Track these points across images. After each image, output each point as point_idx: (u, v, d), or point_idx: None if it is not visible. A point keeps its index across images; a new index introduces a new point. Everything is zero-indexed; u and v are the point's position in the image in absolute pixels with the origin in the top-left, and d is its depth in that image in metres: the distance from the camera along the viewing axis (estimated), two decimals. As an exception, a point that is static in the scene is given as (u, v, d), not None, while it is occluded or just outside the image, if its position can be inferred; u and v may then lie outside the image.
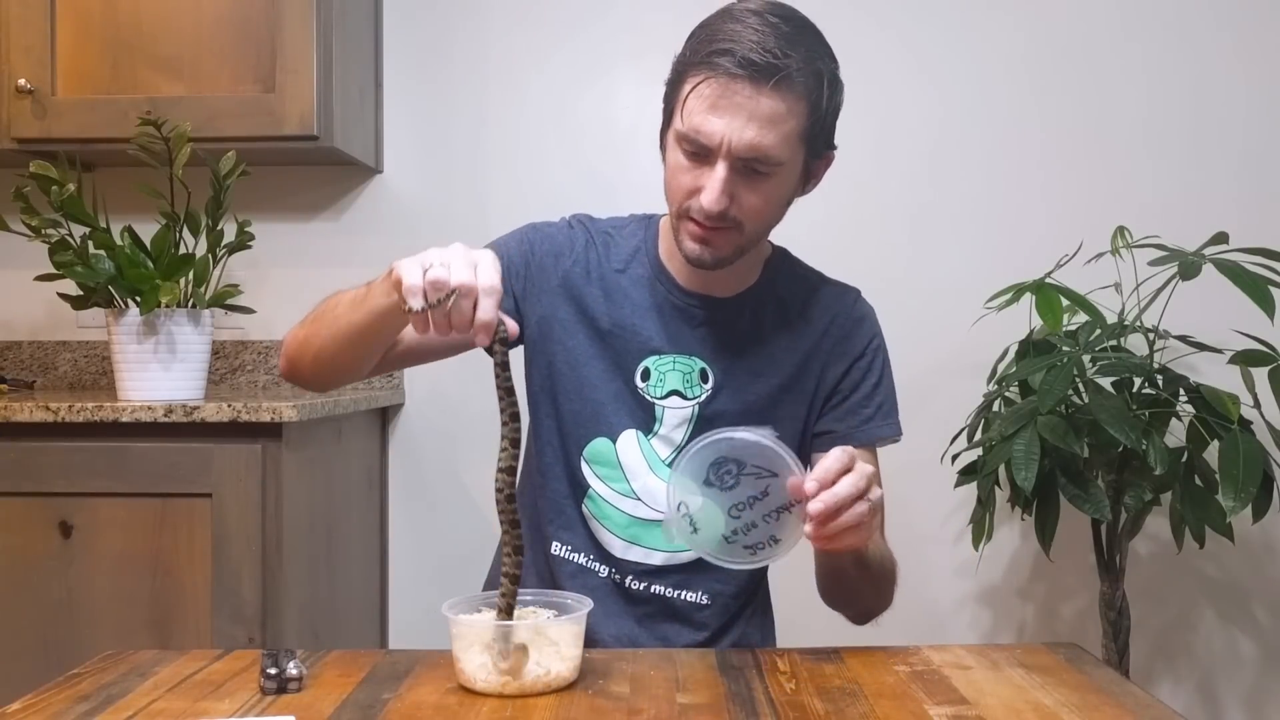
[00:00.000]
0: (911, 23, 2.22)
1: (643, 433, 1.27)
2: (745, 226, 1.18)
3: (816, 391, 1.30)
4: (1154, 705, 0.92)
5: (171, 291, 1.75)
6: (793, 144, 1.15)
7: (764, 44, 1.10)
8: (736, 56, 1.10)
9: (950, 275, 2.21)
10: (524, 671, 0.92)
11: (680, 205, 1.19)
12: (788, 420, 1.29)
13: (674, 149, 1.18)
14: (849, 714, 0.89)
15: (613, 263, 1.31)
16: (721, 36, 1.12)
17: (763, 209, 1.18)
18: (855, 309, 1.33)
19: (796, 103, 1.13)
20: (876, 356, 1.33)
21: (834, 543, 1.01)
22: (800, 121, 1.14)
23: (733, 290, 1.29)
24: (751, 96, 1.11)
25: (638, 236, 1.33)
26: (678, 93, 1.17)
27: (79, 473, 1.71)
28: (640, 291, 1.29)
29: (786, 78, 1.11)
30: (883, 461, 1.33)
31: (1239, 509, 1.65)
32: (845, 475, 0.99)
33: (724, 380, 1.27)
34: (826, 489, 0.98)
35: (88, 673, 1.00)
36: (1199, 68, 2.20)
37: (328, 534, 1.94)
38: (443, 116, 2.26)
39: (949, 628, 2.22)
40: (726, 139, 1.12)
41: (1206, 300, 1.91)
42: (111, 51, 1.97)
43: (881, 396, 1.32)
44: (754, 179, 1.15)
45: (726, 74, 1.11)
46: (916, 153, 2.23)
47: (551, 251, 1.31)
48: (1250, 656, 2.21)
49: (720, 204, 1.14)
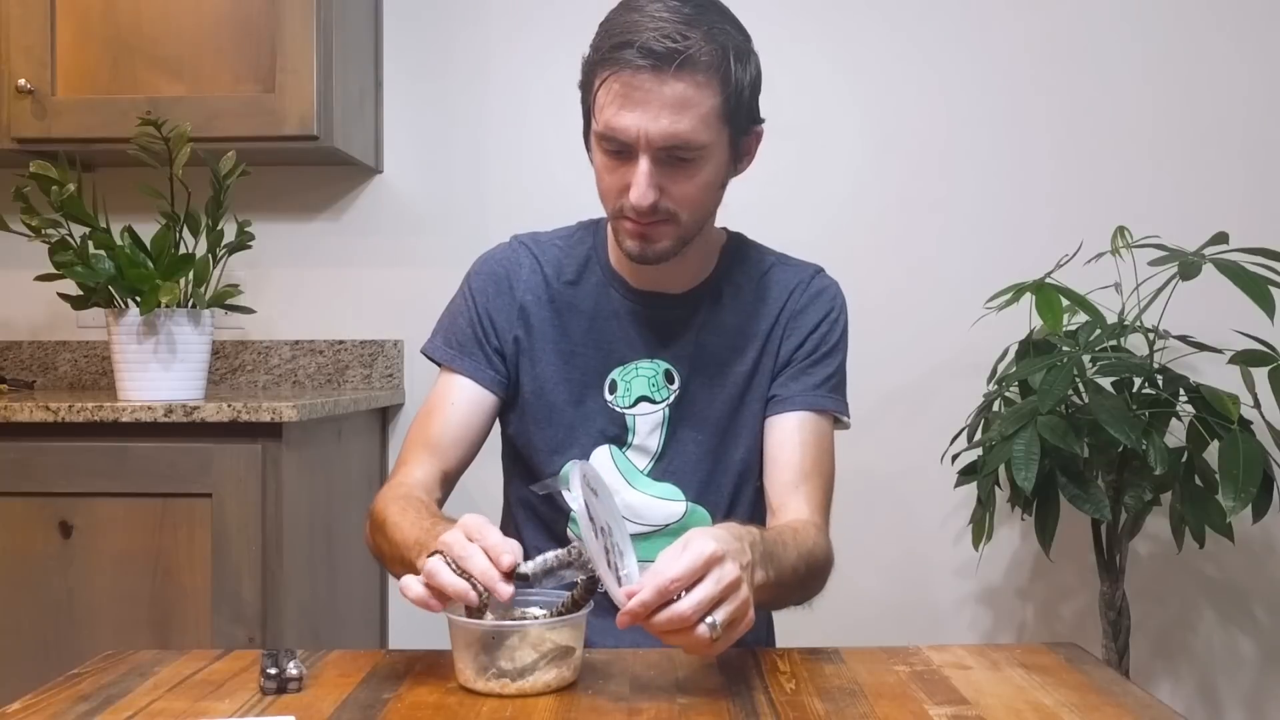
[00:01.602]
0: (911, 23, 2.22)
1: (616, 446, 1.27)
2: (681, 216, 1.17)
3: (775, 365, 1.28)
4: (1154, 705, 0.92)
5: (171, 291, 1.75)
6: (712, 124, 1.13)
7: (662, 30, 1.09)
8: (636, 47, 1.09)
9: (950, 275, 2.21)
10: (521, 672, 0.92)
11: (614, 205, 1.18)
12: (758, 403, 1.27)
13: (597, 151, 1.18)
14: (849, 714, 0.89)
15: (564, 276, 1.30)
16: (621, 30, 1.11)
17: (695, 195, 1.17)
18: (813, 284, 1.31)
19: (706, 83, 1.11)
20: (833, 329, 1.29)
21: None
22: (714, 101, 1.12)
23: (688, 284, 1.28)
24: (658, 85, 1.10)
25: (586, 244, 1.32)
26: (590, 94, 1.16)
27: (79, 473, 1.71)
28: (594, 302, 1.28)
29: (689, 60, 1.09)
30: (883, 462, 1.33)
31: (1239, 509, 1.65)
32: (686, 594, 0.87)
33: (690, 377, 1.26)
34: (648, 609, 0.87)
35: (88, 673, 1.00)
36: (1199, 68, 2.20)
37: (328, 534, 1.94)
38: (443, 116, 2.26)
39: (949, 628, 2.22)
40: (642, 132, 1.11)
41: (1206, 300, 1.91)
42: (111, 51, 1.97)
43: (832, 369, 1.28)
44: (680, 166, 1.14)
45: (631, 67, 1.10)
46: (916, 153, 2.23)
47: (503, 289, 1.29)
48: (1250, 656, 2.21)
49: (649, 198, 1.13)
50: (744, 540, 0.97)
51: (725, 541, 0.92)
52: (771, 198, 2.19)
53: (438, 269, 1.36)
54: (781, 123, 2.23)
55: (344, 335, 2.27)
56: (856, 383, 1.33)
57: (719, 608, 0.88)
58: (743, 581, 0.90)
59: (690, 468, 1.26)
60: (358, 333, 2.27)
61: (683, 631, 0.88)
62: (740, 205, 1.42)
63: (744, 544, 0.96)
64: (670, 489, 1.26)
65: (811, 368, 1.27)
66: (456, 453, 1.27)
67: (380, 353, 2.25)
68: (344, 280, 2.27)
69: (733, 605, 0.89)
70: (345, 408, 1.94)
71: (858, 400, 1.35)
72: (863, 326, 2.30)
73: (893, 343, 2.20)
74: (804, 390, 1.26)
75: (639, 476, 1.26)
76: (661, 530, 1.25)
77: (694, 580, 0.87)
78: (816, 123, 2.23)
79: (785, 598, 1.14)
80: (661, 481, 1.27)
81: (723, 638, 0.89)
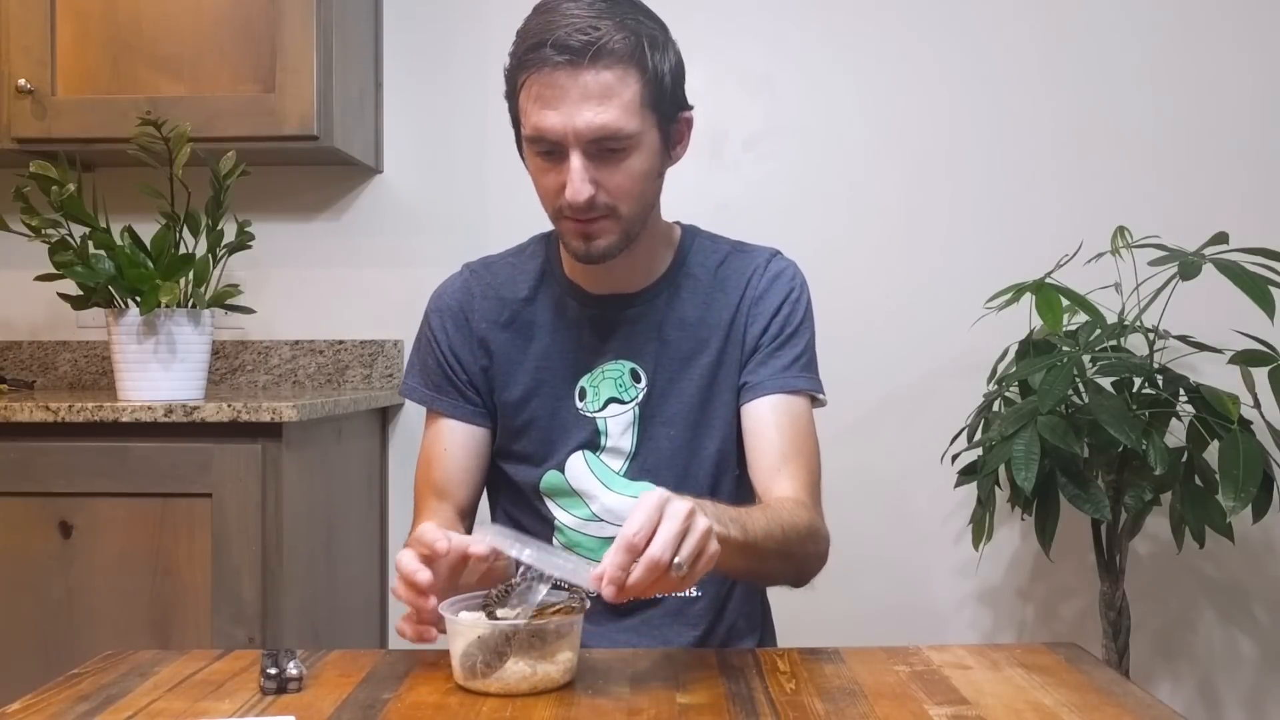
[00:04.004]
0: (912, 24, 2.22)
1: (591, 451, 1.27)
2: (620, 208, 1.17)
3: (742, 353, 1.28)
4: (1154, 705, 0.92)
5: (171, 291, 1.75)
6: (637, 112, 1.14)
7: (574, 25, 1.11)
8: (551, 44, 1.10)
9: (950, 275, 2.21)
10: (510, 671, 0.92)
11: (553, 207, 1.18)
12: (728, 392, 1.27)
13: (530, 156, 1.18)
14: (849, 714, 0.89)
15: (519, 294, 1.30)
16: (536, 31, 1.13)
17: (631, 186, 1.17)
18: (770, 267, 1.30)
19: (624, 71, 1.12)
20: (795, 309, 1.29)
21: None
22: (635, 88, 1.13)
23: (644, 282, 1.28)
24: (575, 79, 1.11)
25: (539, 257, 1.32)
26: (514, 100, 1.17)
27: (79, 473, 1.71)
28: (553, 314, 1.29)
29: (603, 49, 1.11)
30: (883, 463, 1.32)
31: (1239, 509, 1.65)
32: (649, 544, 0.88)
33: (656, 374, 1.27)
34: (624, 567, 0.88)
35: (88, 673, 1.00)
36: (1199, 68, 2.20)
37: (328, 534, 1.94)
38: (443, 116, 2.26)
39: (949, 628, 2.22)
40: (569, 128, 1.12)
41: (1206, 300, 1.91)
42: (111, 51, 1.97)
43: (800, 349, 1.28)
44: (611, 158, 1.14)
45: (549, 65, 1.11)
46: (916, 153, 2.23)
47: (459, 323, 1.30)
48: (1250, 656, 2.21)
49: (584, 192, 1.13)
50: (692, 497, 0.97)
51: (669, 491, 0.93)
52: (772, 198, 2.19)
53: (438, 269, 1.36)
54: (784, 123, 2.26)
55: (344, 335, 2.27)
56: (857, 383, 1.33)
57: (682, 543, 0.89)
58: (696, 512, 0.91)
59: (665, 463, 1.27)
60: (358, 333, 2.27)
61: (660, 579, 0.89)
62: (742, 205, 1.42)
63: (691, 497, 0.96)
64: (647, 487, 1.26)
65: (779, 350, 1.27)
66: (465, 491, 1.31)
67: (380, 353, 2.25)
68: (344, 280, 2.27)
69: (695, 536, 0.90)
70: (345, 408, 1.94)
71: (858, 400, 1.35)
72: (863, 326, 2.32)
73: (893, 343, 2.20)
74: (774, 374, 1.26)
75: (615, 478, 1.27)
76: None
77: (653, 527, 0.89)
78: (818, 123, 2.23)
79: (769, 566, 1.13)
80: (638, 480, 1.27)
81: (690, 572, 0.90)
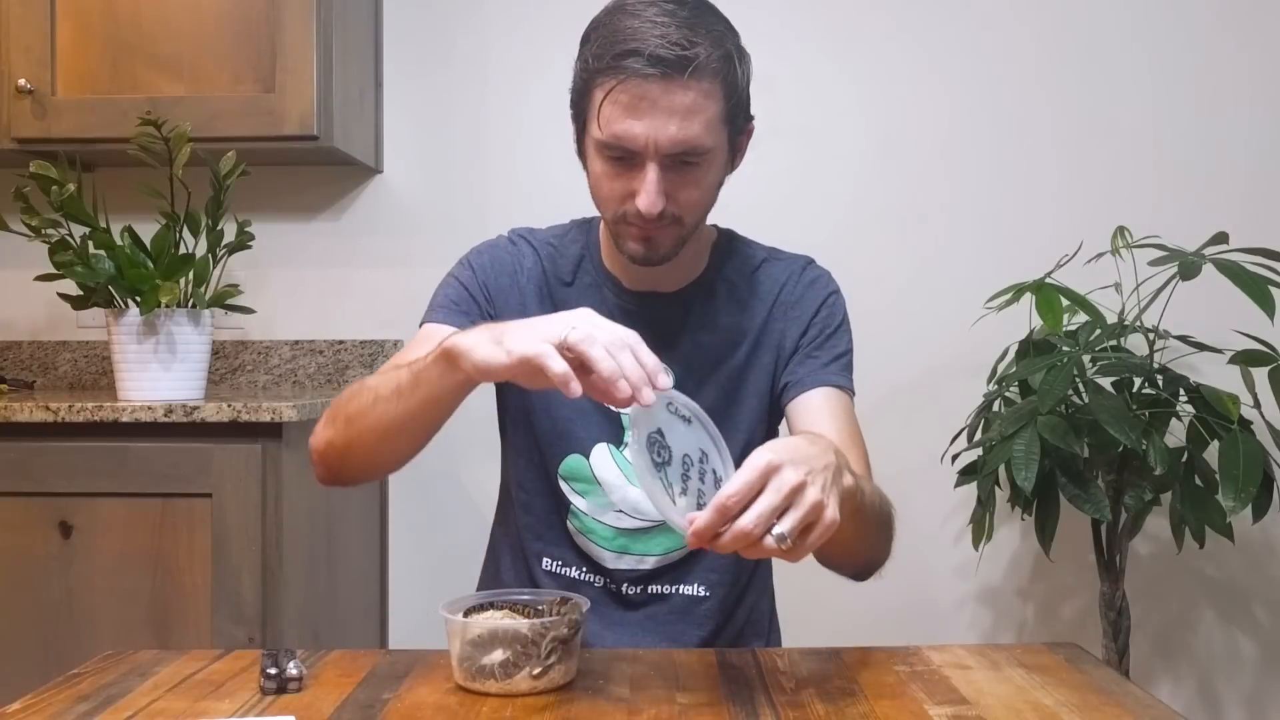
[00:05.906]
0: (912, 24, 2.22)
1: (613, 445, 1.27)
2: (685, 218, 1.17)
3: (779, 359, 1.28)
4: (1154, 705, 0.92)
5: (171, 291, 1.75)
6: (716, 128, 1.14)
7: (669, 37, 1.08)
8: (645, 55, 1.07)
9: (950, 275, 2.21)
10: (508, 672, 0.92)
11: (615, 211, 1.18)
12: (754, 398, 1.28)
13: (595, 157, 1.17)
14: (849, 714, 0.89)
15: (560, 276, 1.30)
16: (623, 36, 1.09)
17: (700, 198, 1.18)
18: (805, 274, 1.31)
19: (713, 89, 1.11)
20: (834, 313, 1.30)
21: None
22: (719, 105, 1.13)
23: (680, 283, 1.29)
24: (668, 93, 1.09)
25: (579, 243, 1.32)
26: (589, 101, 1.14)
27: (79, 473, 1.71)
28: (588, 302, 1.27)
29: (700, 67, 1.09)
30: (883, 463, 1.32)
31: (1239, 509, 1.65)
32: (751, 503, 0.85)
33: (684, 374, 1.26)
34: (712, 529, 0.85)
35: (88, 673, 1.00)
36: (1199, 68, 2.20)
37: (328, 534, 1.94)
38: (443, 116, 2.26)
39: (949, 628, 2.22)
40: (652, 140, 1.10)
41: (1206, 300, 1.91)
42: (111, 51, 1.97)
43: (840, 350, 1.29)
44: (685, 171, 1.14)
45: (639, 75, 1.08)
46: (917, 153, 2.23)
47: (506, 271, 1.29)
48: (1250, 656, 2.21)
49: (659, 205, 1.13)
50: (818, 444, 0.94)
51: (784, 451, 0.88)
52: (773, 198, 2.19)
53: (438, 269, 1.36)
54: (784, 123, 2.26)
55: (344, 335, 2.27)
56: (857, 382, 1.33)
57: (785, 516, 0.85)
58: (807, 485, 0.86)
59: None
60: (358, 333, 2.27)
61: (754, 546, 0.85)
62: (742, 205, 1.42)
63: (818, 448, 0.93)
64: None
65: (818, 350, 1.28)
66: None
67: (380, 353, 2.25)
68: (344, 280, 2.27)
69: (800, 511, 0.85)
70: (345, 408, 1.94)
71: (858, 400, 1.35)
72: (863, 326, 2.30)
73: (893, 343, 2.20)
74: (816, 369, 1.26)
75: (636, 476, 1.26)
76: (663, 525, 1.25)
77: (753, 494, 0.85)
78: (818, 123, 2.23)
79: (869, 531, 1.09)
80: None
81: (799, 545, 0.86)
